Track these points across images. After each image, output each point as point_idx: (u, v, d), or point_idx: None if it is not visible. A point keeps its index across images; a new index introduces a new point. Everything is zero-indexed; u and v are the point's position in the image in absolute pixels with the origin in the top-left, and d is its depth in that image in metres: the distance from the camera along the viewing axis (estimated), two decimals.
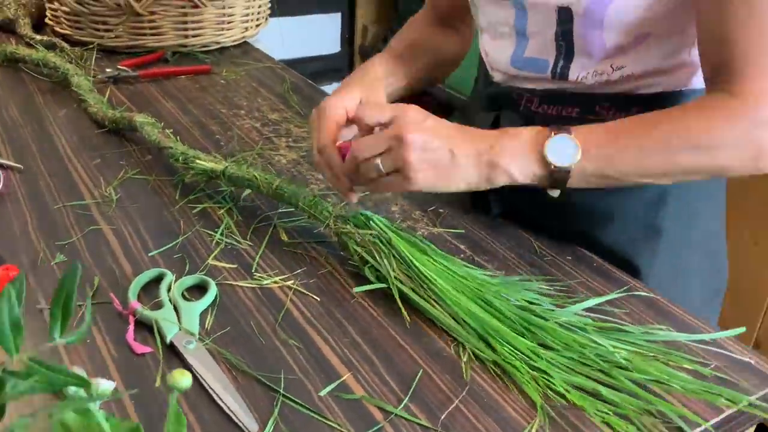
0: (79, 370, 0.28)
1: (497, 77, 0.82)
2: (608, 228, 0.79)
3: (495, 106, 0.83)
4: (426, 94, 2.65)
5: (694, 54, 0.72)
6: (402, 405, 0.56)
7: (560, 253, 0.77)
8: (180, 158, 0.85)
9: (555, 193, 0.67)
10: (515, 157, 0.65)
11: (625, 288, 0.71)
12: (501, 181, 0.66)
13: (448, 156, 0.65)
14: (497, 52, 0.81)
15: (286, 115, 1.12)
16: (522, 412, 0.56)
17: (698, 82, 0.74)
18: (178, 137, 0.95)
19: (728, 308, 0.66)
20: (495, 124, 0.81)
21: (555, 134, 0.64)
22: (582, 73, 0.73)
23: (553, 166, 0.64)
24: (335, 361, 0.61)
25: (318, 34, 2.84)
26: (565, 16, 0.71)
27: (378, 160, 0.66)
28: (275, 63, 1.37)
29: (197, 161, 0.83)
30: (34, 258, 0.72)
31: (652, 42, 0.71)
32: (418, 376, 0.59)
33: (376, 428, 0.54)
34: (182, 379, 0.30)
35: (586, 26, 0.70)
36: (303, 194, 0.76)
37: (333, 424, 0.54)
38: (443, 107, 2.66)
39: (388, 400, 0.57)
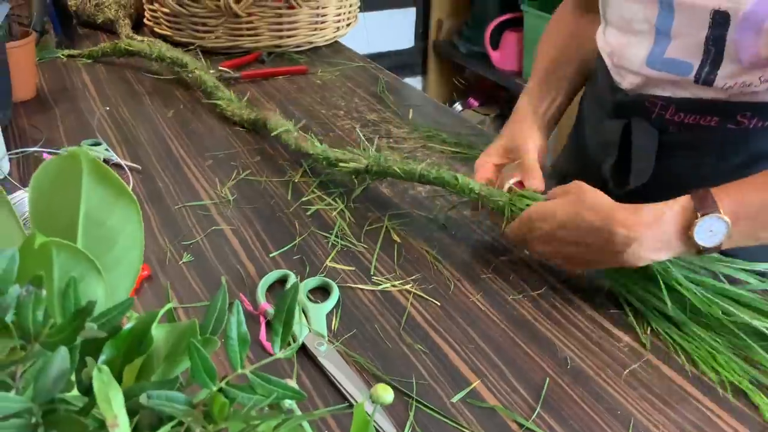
0: (292, 383, 0.29)
1: (626, 83, 0.80)
2: None
3: (623, 113, 0.81)
4: (502, 88, 2.63)
5: None
6: (534, 414, 0.56)
7: None
8: (323, 161, 0.88)
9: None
10: (659, 247, 0.63)
11: None
12: (642, 264, 0.65)
13: (581, 262, 0.69)
14: (629, 49, 0.78)
15: (385, 116, 1.13)
16: (660, 425, 0.55)
17: None
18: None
19: None
20: (625, 133, 0.80)
21: (702, 215, 0.61)
22: (729, 82, 0.71)
23: (701, 248, 0.62)
24: (463, 368, 0.61)
25: (392, 30, 2.85)
26: (720, 19, 0.68)
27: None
28: (367, 62, 1.38)
29: (341, 164, 0.85)
30: (161, 257, 0.75)
31: None
32: (546, 385, 0.59)
33: None
34: (385, 394, 0.31)
35: (742, 31, 0.67)
36: (470, 183, 0.76)
37: (468, 431, 0.55)
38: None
39: (519, 409, 0.57)
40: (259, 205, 0.86)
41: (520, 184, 0.76)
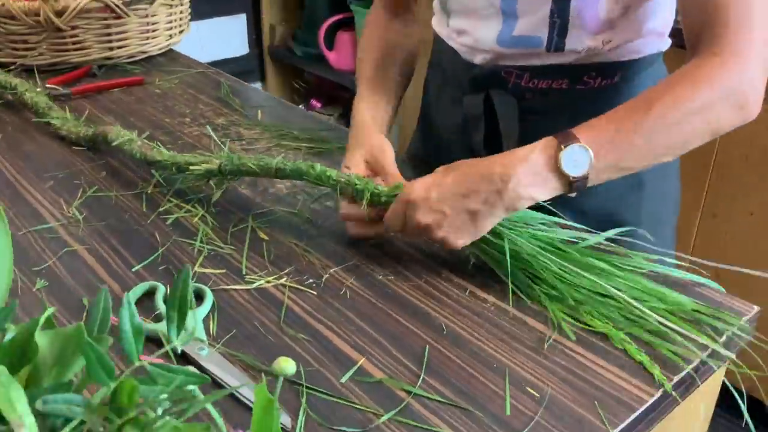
0: (192, 369, 0.29)
1: (479, 59, 0.85)
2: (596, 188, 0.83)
3: (481, 87, 0.86)
4: (342, 88, 2.67)
5: (661, 21, 0.81)
6: (420, 381, 0.59)
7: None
8: (172, 168, 0.85)
9: (573, 194, 0.70)
10: (533, 181, 0.66)
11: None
12: (525, 206, 0.68)
13: (467, 218, 0.68)
14: (477, 32, 0.83)
15: (233, 119, 1.12)
16: (534, 372, 0.60)
17: (666, 45, 0.84)
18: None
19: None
20: (487, 103, 0.84)
21: (565, 146, 0.65)
22: (578, 47, 0.78)
23: (571, 178, 0.66)
24: (347, 349, 0.63)
25: (225, 37, 2.80)
26: None
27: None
28: (206, 67, 1.36)
29: (192, 167, 0.82)
30: (13, 287, 0.70)
31: (631, 12, 0.77)
32: (426, 351, 0.62)
33: (402, 406, 0.56)
34: (288, 366, 0.32)
35: (582, 0, 0.74)
36: (326, 171, 0.76)
37: (360, 407, 0.56)
38: None
39: (405, 377, 0.59)
40: (112, 220, 0.82)
41: None
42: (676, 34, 0.86)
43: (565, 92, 0.82)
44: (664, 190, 0.90)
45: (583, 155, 0.66)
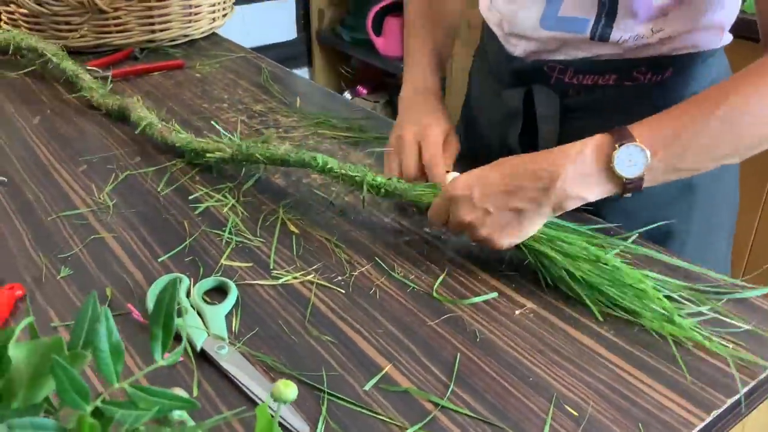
0: (180, 392, 0.26)
1: (519, 50, 0.79)
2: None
3: (522, 81, 0.80)
4: (389, 75, 2.63)
5: (723, 14, 0.73)
6: (449, 392, 0.55)
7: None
8: (191, 153, 0.85)
9: (628, 195, 0.65)
10: (584, 181, 0.62)
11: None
12: (573, 205, 0.63)
13: (513, 217, 0.64)
14: (521, 12, 0.77)
15: (271, 105, 1.09)
16: (574, 388, 0.55)
17: (726, 41, 0.75)
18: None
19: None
20: (527, 99, 0.79)
21: (620, 145, 0.60)
22: (624, 35, 0.71)
23: (625, 179, 0.61)
24: (373, 353, 0.59)
25: (273, 22, 2.79)
26: None
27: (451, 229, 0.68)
28: (248, 52, 1.33)
29: (207, 154, 0.82)
30: (37, 275, 0.69)
31: (688, 1, 0.70)
32: (457, 360, 0.58)
33: (428, 419, 0.53)
34: (288, 390, 0.29)
35: None
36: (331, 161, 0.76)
37: (384, 418, 0.53)
38: None
39: (434, 388, 0.56)
40: (143, 208, 0.80)
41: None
42: (740, 25, 0.79)
43: (612, 89, 0.76)
44: (718, 194, 0.83)
45: (639, 155, 0.60)
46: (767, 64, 0.61)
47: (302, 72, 2.92)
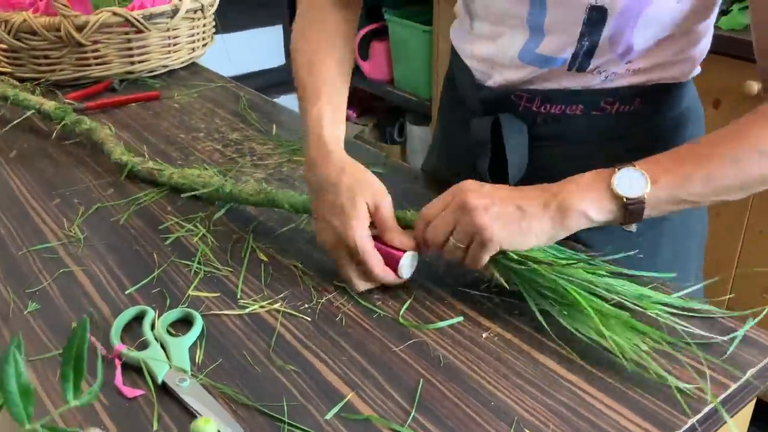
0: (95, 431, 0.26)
1: (491, 81, 0.79)
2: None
3: (490, 110, 0.80)
4: (377, 98, 2.64)
5: (698, 49, 0.74)
6: (410, 419, 0.55)
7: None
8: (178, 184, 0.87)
9: (632, 227, 0.65)
10: (585, 196, 0.63)
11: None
12: (578, 224, 0.63)
13: (515, 211, 0.63)
14: (501, 40, 0.76)
15: (247, 134, 1.10)
16: (535, 412, 0.55)
17: (697, 72, 0.77)
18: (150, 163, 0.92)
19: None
20: (495, 128, 0.79)
21: (619, 169, 0.62)
22: (600, 68, 0.72)
23: (625, 199, 0.62)
24: (336, 382, 0.59)
25: (259, 48, 2.81)
26: (597, 16, 0.68)
27: (452, 240, 0.65)
28: (227, 81, 1.34)
29: (182, 194, 0.83)
30: (5, 310, 0.69)
31: (668, 41, 0.71)
32: (420, 386, 0.58)
33: None
34: (206, 427, 0.29)
35: (618, 26, 0.68)
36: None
37: None
38: (394, 111, 2.65)
39: (396, 416, 0.55)
40: (114, 240, 0.81)
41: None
42: (715, 41, 0.79)
43: (580, 118, 0.76)
44: (686, 224, 0.83)
45: (638, 178, 0.62)
46: None
47: (291, 98, 2.93)
